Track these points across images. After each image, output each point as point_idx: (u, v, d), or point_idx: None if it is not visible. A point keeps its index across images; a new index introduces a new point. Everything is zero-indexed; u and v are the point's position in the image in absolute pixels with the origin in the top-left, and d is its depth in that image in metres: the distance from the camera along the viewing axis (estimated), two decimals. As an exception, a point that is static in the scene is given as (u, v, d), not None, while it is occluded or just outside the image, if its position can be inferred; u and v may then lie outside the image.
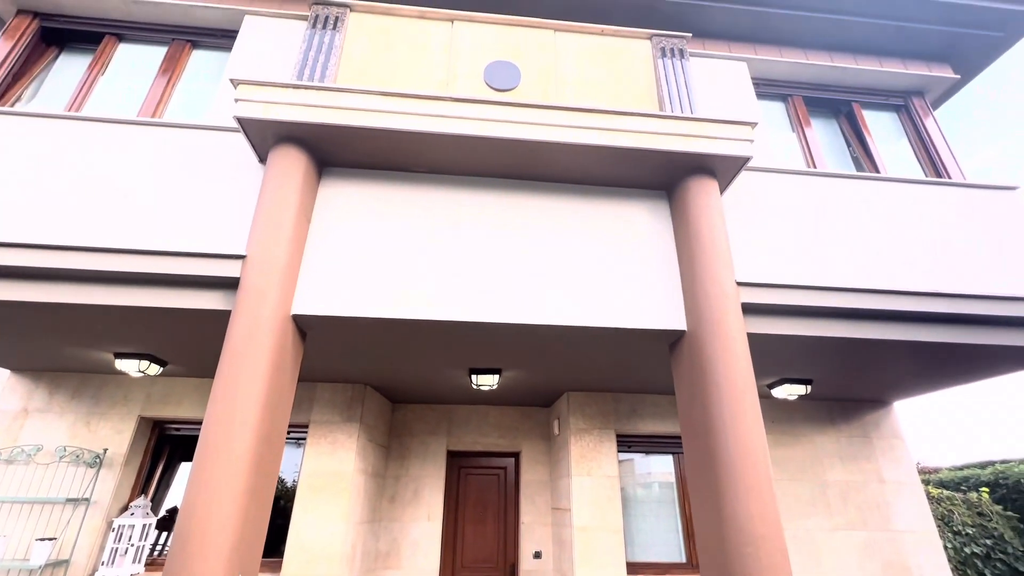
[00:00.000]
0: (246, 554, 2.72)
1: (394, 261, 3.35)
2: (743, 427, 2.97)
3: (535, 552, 5.47)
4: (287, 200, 3.32)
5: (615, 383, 5.03)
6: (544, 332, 3.45)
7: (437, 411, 6.05)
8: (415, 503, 5.57)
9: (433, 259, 3.37)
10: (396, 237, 3.41)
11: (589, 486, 4.87)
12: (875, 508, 5.11)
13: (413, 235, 3.42)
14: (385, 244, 3.38)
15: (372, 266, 3.36)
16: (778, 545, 2.71)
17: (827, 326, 3.61)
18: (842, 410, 5.55)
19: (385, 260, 3.36)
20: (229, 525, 2.61)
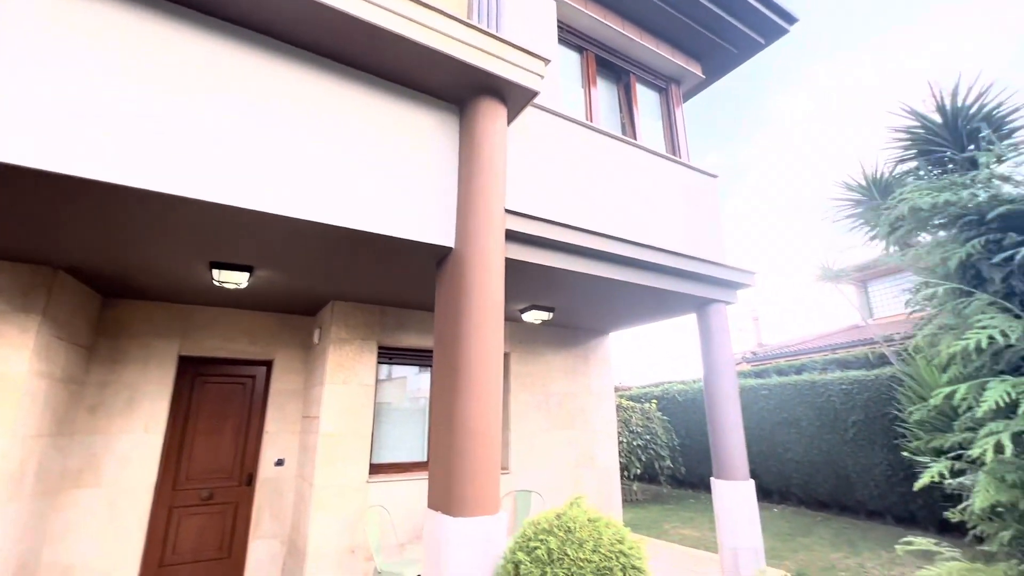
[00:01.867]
0: None
1: (116, 104, 2.51)
2: (486, 340, 3.26)
3: (277, 460, 5.28)
4: None
5: (384, 296, 4.98)
6: (307, 228, 3.12)
7: (169, 311, 5.09)
8: (128, 413, 4.71)
9: (176, 116, 2.64)
10: (122, 74, 2.54)
11: (343, 394, 4.83)
12: (580, 413, 6.42)
13: (150, 82, 2.60)
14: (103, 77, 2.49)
15: (76, 99, 2.45)
16: (493, 440, 3.12)
17: (578, 262, 4.16)
18: (572, 335, 6.68)
19: (101, 98, 2.48)
20: None
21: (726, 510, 4.61)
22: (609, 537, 2.55)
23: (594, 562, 2.41)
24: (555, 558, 2.44)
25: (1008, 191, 1.11)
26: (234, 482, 5.23)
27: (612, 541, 2.53)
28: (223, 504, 5.13)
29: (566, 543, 2.50)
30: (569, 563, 2.41)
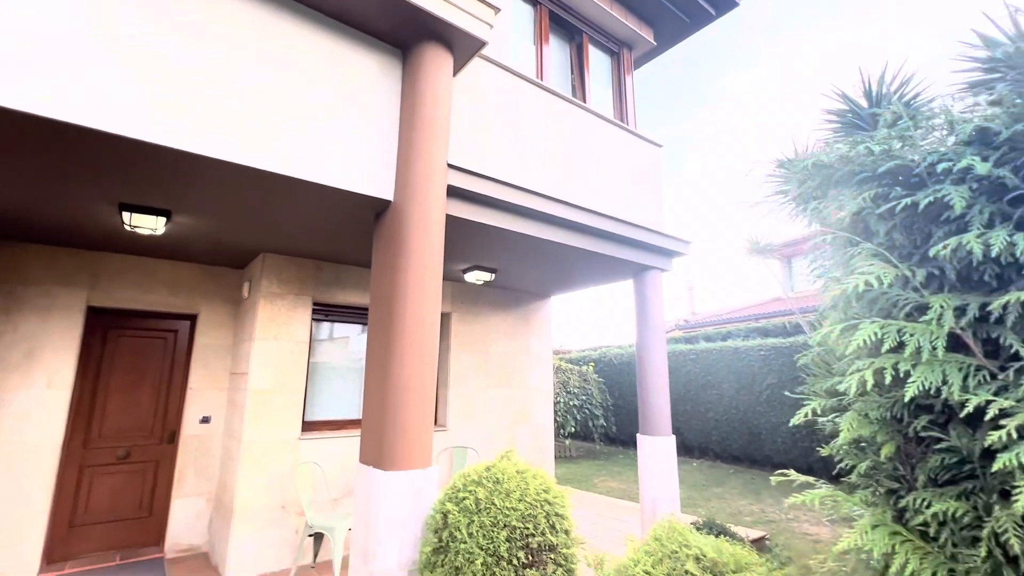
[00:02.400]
0: None
1: None
2: (423, 296, 3.22)
3: (203, 417, 5.05)
4: None
5: (320, 250, 4.77)
6: (230, 172, 2.89)
7: (75, 257, 4.63)
8: (26, 368, 4.30)
9: (69, 31, 2.29)
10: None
11: (275, 350, 4.65)
12: (519, 373, 6.57)
13: None
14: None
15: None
16: (427, 396, 3.13)
17: (521, 223, 4.13)
18: (514, 298, 6.74)
19: None
20: None
21: (649, 463, 4.94)
22: (535, 487, 2.66)
23: (519, 510, 2.52)
24: (483, 507, 2.52)
25: (897, 148, 1.20)
26: (154, 440, 4.97)
27: (538, 491, 2.64)
28: (142, 463, 4.89)
29: (494, 493, 2.58)
30: (496, 512, 2.50)
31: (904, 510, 1.22)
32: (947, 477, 1.14)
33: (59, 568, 4.28)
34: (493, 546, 2.40)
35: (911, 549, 1.09)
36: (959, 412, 1.08)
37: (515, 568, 2.39)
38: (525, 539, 2.46)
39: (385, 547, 2.85)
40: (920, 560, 1.08)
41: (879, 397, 1.22)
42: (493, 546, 2.40)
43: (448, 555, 2.47)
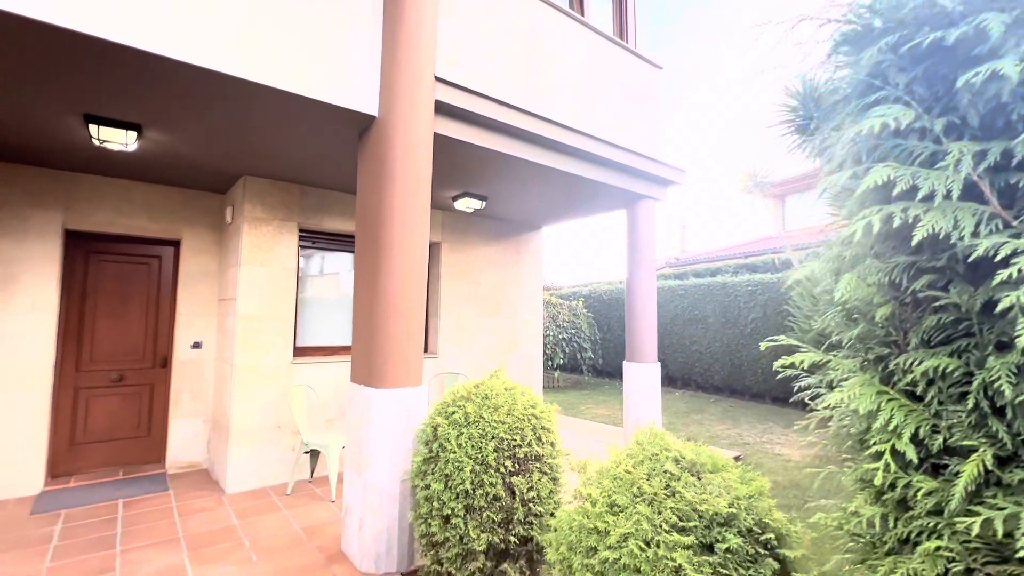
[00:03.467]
0: None
1: None
2: (411, 214, 3.14)
3: (194, 342, 5.08)
4: None
5: (304, 174, 4.59)
6: (199, 78, 2.69)
7: (48, 176, 4.42)
8: (8, 292, 4.23)
9: None
10: None
11: (262, 276, 4.60)
12: (508, 303, 6.61)
13: None
14: None
15: None
16: (416, 316, 3.14)
17: (515, 146, 3.97)
18: (505, 228, 6.65)
19: None
20: None
21: (633, 388, 5.11)
22: (523, 403, 2.74)
23: (507, 423, 2.60)
24: (471, 420, 2.60)
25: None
26: (147, 364, 5.01)
27: (525, 406, 2.72)
28: (136, 386, 4.95)
29: (483, 408, 2.65)
30: (484, 424, 2.58)
31: (892, 374, 1.25)
32: (941, 337, 1.16)
33: (64, 482, 4.44)
34: (481, 455, 2.50)
35: (896, 407, 1.13)
36: (965, 261, 1.07)
37: (502, 475, 2.50)
38: (512, 450, 2.56)
39: (378, 459, 2.96)
40: (904, 416, 1.11)
41: (879, 263, 1.21)
42: (481, 455, 2.50)
43: (438, 464, 2.57)
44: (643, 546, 1.50)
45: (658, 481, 1.67)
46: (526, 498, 2.52)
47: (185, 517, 3.77)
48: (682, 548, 1.47)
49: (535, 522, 2.53)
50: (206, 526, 3.61)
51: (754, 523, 1.57)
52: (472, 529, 2.42)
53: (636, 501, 1.64)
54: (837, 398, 1.22)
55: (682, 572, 1.43)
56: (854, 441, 1.32)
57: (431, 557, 2.58)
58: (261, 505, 4.03)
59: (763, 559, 1.53)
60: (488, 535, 2.42)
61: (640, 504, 1.61)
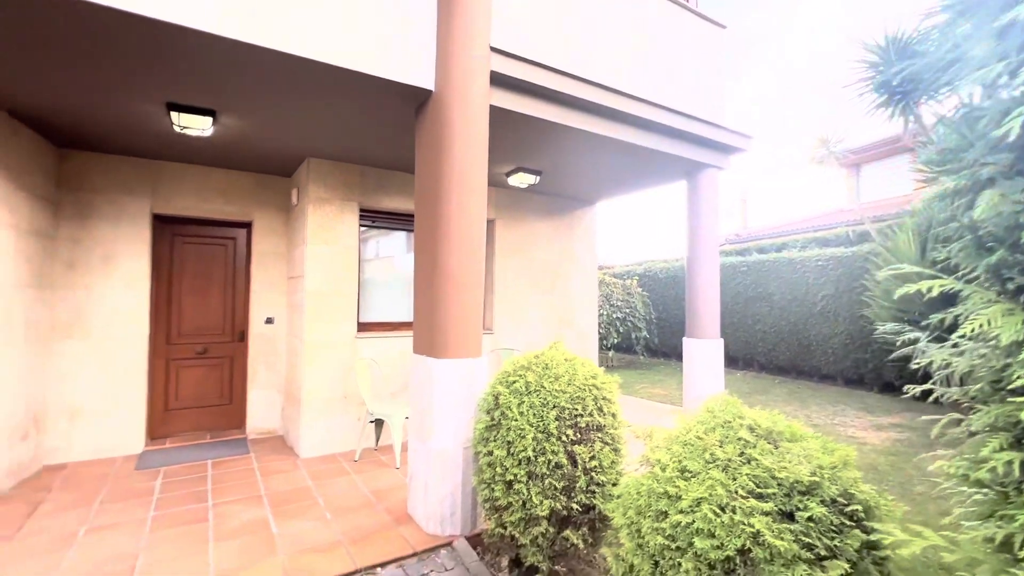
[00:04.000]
0: None
1: None
2: (469, 187, 3.15)
3: (267, 318, 5.41)
4: None
5: (363, 154, 4.71)
6: (264, 59, 2.80)
7: (136, 165, 4.80)
8: (107, 270, 4.66)
9: None
10: None
11: (326, 255, 4.80)
12: (562, 279, 6.57)
13: None
14: None
15: None
16: (475, 288, 3.17)
17: (571, 116, 3.88)
18: (559, 204, 6.57)
19: None
20: None
21: (694, 365, 4.96)
22: (583, 374, 2.71)
23: (568, 393, 2.59)
24: (532, 389, 2.61)
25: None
26: (227, 338, 5.40)
27: (586, 377, 2.70)
28: (218, 358, 5.36)
29: (543, 377, 2.65)
30: (545, 393, 2.58)
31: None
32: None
33: (161, 443, 4.91)
34: (543, 424, 2.51)
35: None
36: None
37: (564, 444, 2.51)
38: (574, 419, 2.55)
39: (440, 427, 3.05)
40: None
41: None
42: (543, 424, 2.51)
43: (500, 431, 2.61)
44: (717, 511, 1.46)
45: (732, 448, 1.61)
46: (588, 467, 2.51)
47: (266, 477, 4.07)
48: (760, 514, 1.41)
49: (597, 491, 2.53)
50: (284, 486, 3.88)
51: (839, 493, 1.48)
52: (535, 495, 2.45)
53: (709, 467, 1.58)
54: (975, 325, 1.09)
55: (761, 538, 1.37)
56: (985, 384, 1.20)
57: (495, 521, 2.64)
58: (332, 469, 4.28)
59: (849, 530, 1.44)
60: (551, 501, 2.44)
61: (713, 470, 1.56)
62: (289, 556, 2.80)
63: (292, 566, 2.69)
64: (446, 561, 2.83)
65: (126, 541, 2.98)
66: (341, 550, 2.86)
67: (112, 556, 2.80)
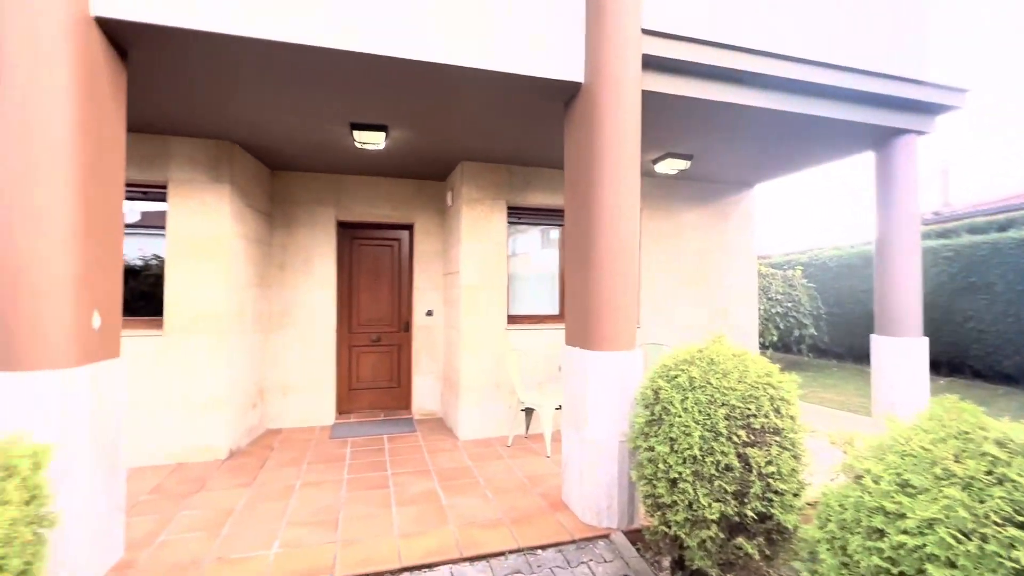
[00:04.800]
0: (98, 292, 2.53)
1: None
2: (622, 177, 3.09)
3: (427, 311, 5.96)
4: None
5: (510, 153, 4.91)
6: (427, 72, 3.06)
7: (323, 180, 5.65)
8: (307, 270, 5.57)
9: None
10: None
11: (478, 251, 5.12)
12: (715, 271, 6.09)
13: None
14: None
15: (199, -44, 2.56)
16: (629, 280, 3.09)
17: (726, 90, 3.57)
18: (710, 190, 6.10)
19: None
20: (67, 263, 2.34)
21: (886, 366, 4.22)
22: (756, 371, 2.48)
23: (739, 391, 2.39)
24: (697, 385, 2.46)
25: None
26: (395, 329, 6.09)
27: (759, 374, 2.46)
28: (389, 346, 6.06)
29: (709, 372, 2.49)
30: (712, 390, 2.42)
31: None
32: None
33: (346, 417, 5.72)
34: (710, 422, 2.35)
35: None
36: None
37: (735, 446, 2.32)
38: (746, 419, 2.35)
39: (594, 418, 3.05)
40: None
41: None
42: (710, 422, 2.35)
43: (662, 427, 2.52)
44: (960, 536, 1.21)
45: (974, 464, 1.32)
46: (764, 472, 2.29)
47: (432, 455, 4.49)
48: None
49: (775, 500, 2.29)
50: (448, 464, 4.25)
51: None
52: (702, 496, 2.31)
53: (941, 483, 1.32)
54: None
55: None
56: None
57: (658, 518, 2.56)
58: (487, 452, 4.56)
59: None
60: (720, 505, 2.28)
61: (949, 487, 1.30)
62: (458, 527, 3.05)
63: (462, 537, 2.92)
64: (604, 552, 2.83)
65: (330, 496, 3.53)
66: (503, 529, 3.03)
67: (322, 507, 3.35)
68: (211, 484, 3.78)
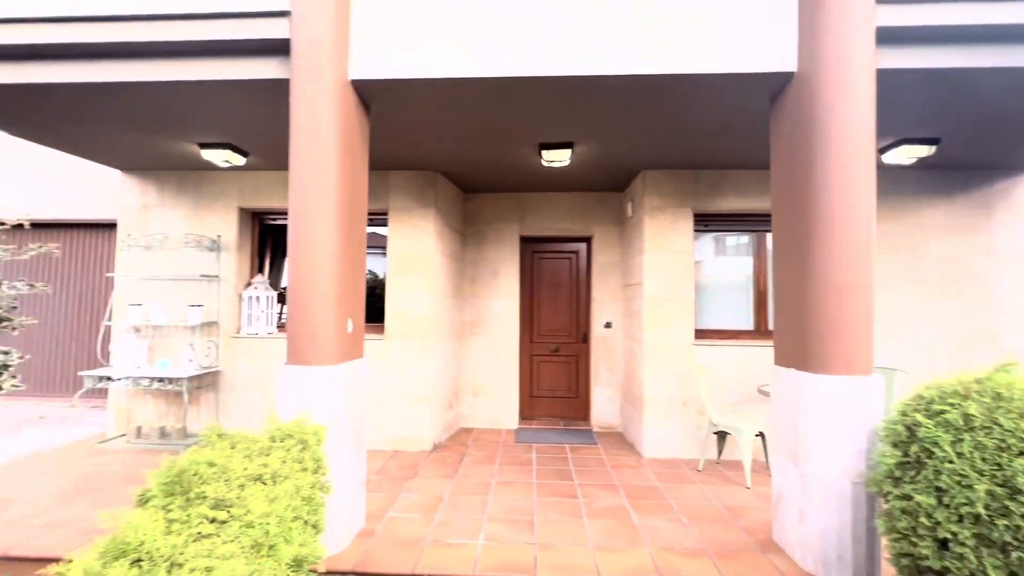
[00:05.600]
0: (350, 304, 3.08)
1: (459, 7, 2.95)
2: (852, 176, 2.66)
3: (606, 323, 5.93)
4: (320, -64, 2.86)
5: (697, 158, 4.64)
6: (615, 85, 3.06)
7: (508, 199, 6.07)
8: (494, 283, 6.03)
9: None
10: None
11: (661, 261, 4.92)
12: (973, 280, 4.83)
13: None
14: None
15: (432, 16, 2.99)
16: (863, 291, 2.63)
17: (989, 53, 2.86)
18: (960, 179, 4.88)
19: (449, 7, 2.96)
20: (332, 280, 2.90)
21: None
22: (1075, 413, 1.87)
23: (1049, 438, 1.82)
24: (977, 425, 1.95)
25: None
26: (573, 339, 6.19)
27: (1081, 418, 1.85)
28: (567, 356, 6.19)
29: (995, 410, 1.95)
30: (1002, 433, 1.89)
31: None
32: None
33: (528, 423, 6.00)
34: (1003, 475, 1.84)
35: None
36: None
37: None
38: (1062, 476, 1.78)
39: (818, 452, 2.65)
40: None
41: None
42: (1003, 475, 1.84)
43: (923, 472, 2.05)
44: None
45: None
46: (1097, 552, 1.70)
47: (615, 469, 4.42)
48: None
49: (1119, 593, 1.68)
50: (634, 480, 4.13)
51: None
52: (992, 569, 1.81)
53: None
54: None
55: None
56: None
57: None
58: (676, 474, 4.31)
59: None
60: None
61: None
62: (655, 550, 2.92)
63: (661, 562, 2.79)
64: (836, 612, 2.41)
65: (522, 498, 3.72)
66: (706, 560, 2.81)
67: (516, 507, 3.54)
68: (422, 472, 4.30)
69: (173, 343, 5.12)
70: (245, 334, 5.16)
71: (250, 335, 5.14)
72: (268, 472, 1.84)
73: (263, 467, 1.87)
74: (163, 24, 2.99)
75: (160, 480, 1.58)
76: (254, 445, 2.03)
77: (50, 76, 3.17)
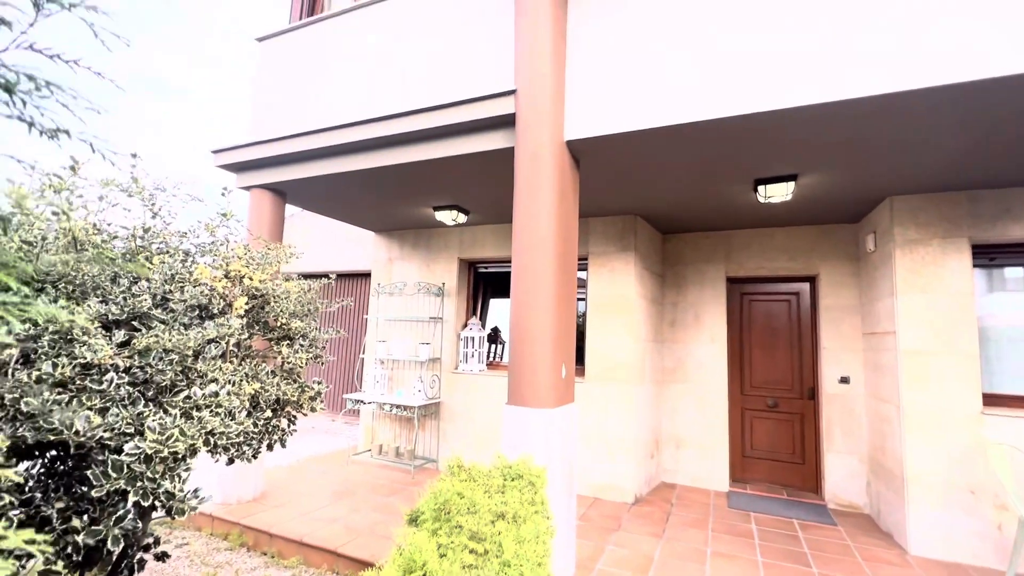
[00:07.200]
0: (564, 350, 3.21)
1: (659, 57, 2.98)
2: None
3: (841, 377, 4.99)
4: (540, 23, 3.22)
5: (970, 175, 3.69)
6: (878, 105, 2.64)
7: (712, 238, 5.70)
8: (696, 327, 5.65)
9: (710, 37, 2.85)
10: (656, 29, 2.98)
11: (922, 305, 3.97)
12: None
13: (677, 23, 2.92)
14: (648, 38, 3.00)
15: (633, 75, 3.07)
16: None
17: None
18: None
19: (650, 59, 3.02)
20: (549, 328, 3.07)
21: None
22: None
23: None
24: None
25: None
26: (795, 395, 5.36)
27: None
28: (788, 413, 5.37)
29: None
30: None
31: None
32: None
33: (741, 487, 5.31)
34: None
35: None
36: None
37: None
38: None
39: None
40: None
41: None
42: None
43: None
44: None
45: None
46: None
47: (869, 563, 3.58)
48: None
49: None
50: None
51: None
52: None
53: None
54: None
55: None
56: None
57: None
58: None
59: None
60: None
61: None
62: None
63: None
64: None
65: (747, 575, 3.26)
66: None
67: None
68: (626, 525, 4.12)
69: (406, 376, 6.02)
70: (461, 370, 5.78)
71: (465, 371, 5.74)
72: (510, 512, 1.97)
73: (503, 504, 2.01)
74: (419, 117, 3.69)
75: (431, 506, 1.82)
76: (490, 481, 2.21)
77: (345, 167, 4.16)
